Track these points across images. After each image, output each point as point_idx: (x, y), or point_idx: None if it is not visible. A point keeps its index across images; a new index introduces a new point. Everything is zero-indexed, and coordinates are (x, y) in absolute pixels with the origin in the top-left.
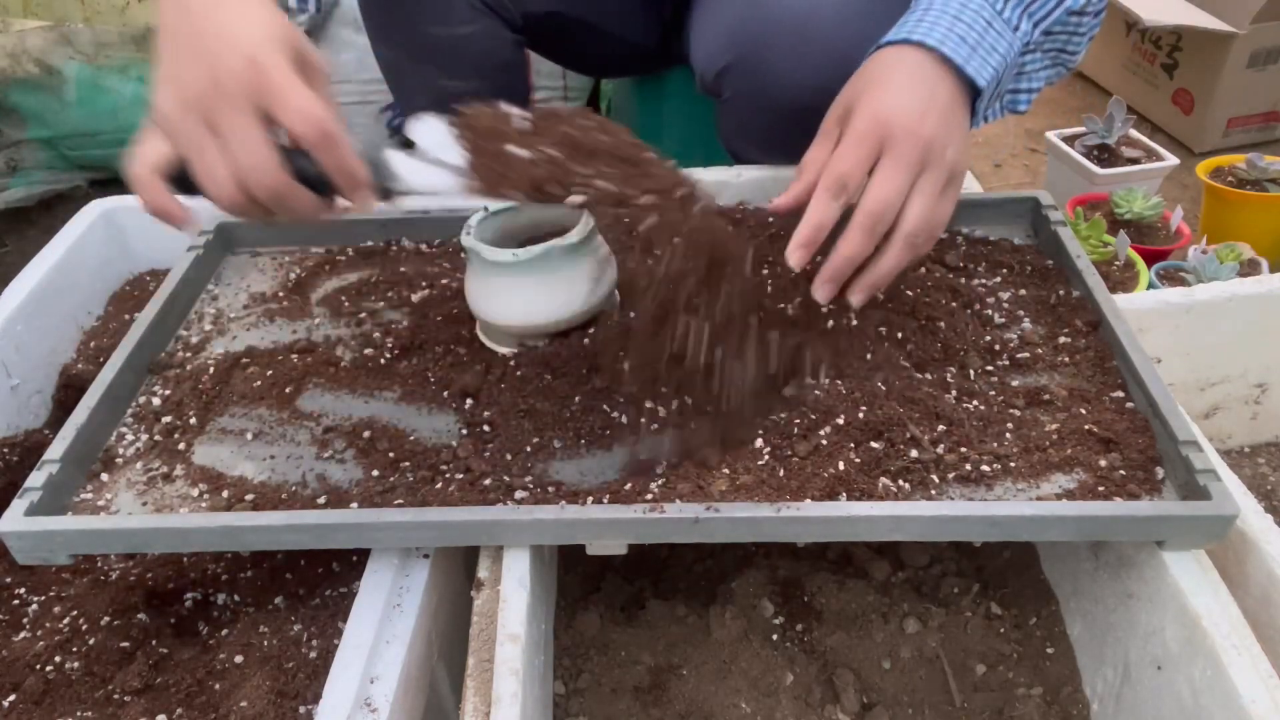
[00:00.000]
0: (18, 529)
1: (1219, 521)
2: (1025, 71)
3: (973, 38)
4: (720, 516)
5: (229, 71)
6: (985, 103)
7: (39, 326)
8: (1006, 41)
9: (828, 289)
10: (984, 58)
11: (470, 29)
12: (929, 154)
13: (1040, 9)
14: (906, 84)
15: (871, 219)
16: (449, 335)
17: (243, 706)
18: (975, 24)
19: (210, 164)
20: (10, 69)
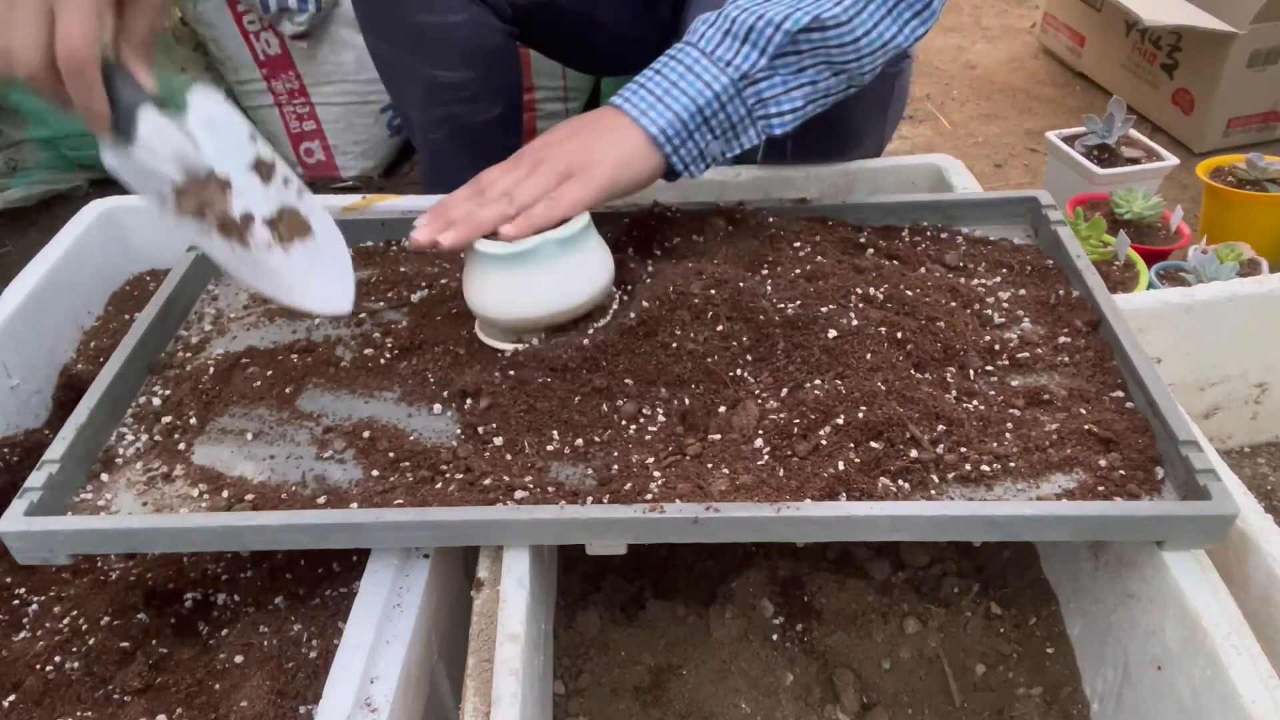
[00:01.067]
0: (18, 529)
1: (1219, 521)
2: (766, 98)
3: (662, 89)
4: (720, 516)
5: None
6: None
7: (39, 326)
8: (705, 81)
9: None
10: (667, 105)
11: (459, 17)
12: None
13: (758, 38)
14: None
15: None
16: (449, 335)
17: (243, 706)
18: (672, 74)
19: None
20: None
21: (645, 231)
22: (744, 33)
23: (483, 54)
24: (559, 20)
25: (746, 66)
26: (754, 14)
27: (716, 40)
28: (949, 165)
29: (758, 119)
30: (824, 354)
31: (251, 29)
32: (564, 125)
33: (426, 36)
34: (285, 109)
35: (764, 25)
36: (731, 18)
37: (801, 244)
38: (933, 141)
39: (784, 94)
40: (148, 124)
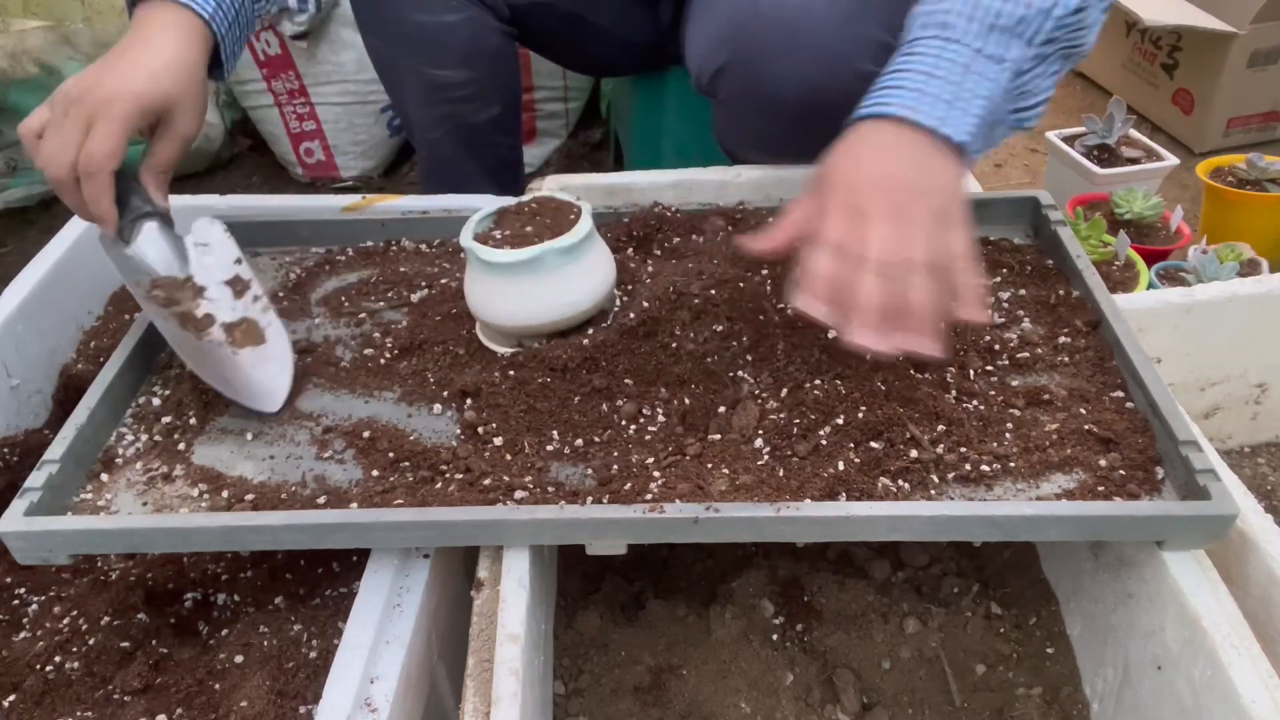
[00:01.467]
0: (18, 529)
1: (1219, 521)
2: (1027, 90)
3: (949, 92)
4: (720, 516)
5: (94, 87)
6: (978, 144)
7: (39, 326)
8: (990, 80)
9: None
10: (963, 109)
11: (456, 17)
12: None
13: (1027, 29)
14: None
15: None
16: (449, 335)
17: (243, 706)
18: (951, 75)
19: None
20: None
21: (645, 231)
22: (1013, 24)
23: (481, 54)
24: (557, 21)
25: (1020, 61)
26: (1017, 3)
27: (982, 35)
28: None
29: (1013, 112)
30: (824, 354)
31: None
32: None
33: (424, 37)
34: (285, 109)
35: (1034, 15)
36: (994, 9)
37: None
38: None
39: (1039, 85)
40: (147, 236)
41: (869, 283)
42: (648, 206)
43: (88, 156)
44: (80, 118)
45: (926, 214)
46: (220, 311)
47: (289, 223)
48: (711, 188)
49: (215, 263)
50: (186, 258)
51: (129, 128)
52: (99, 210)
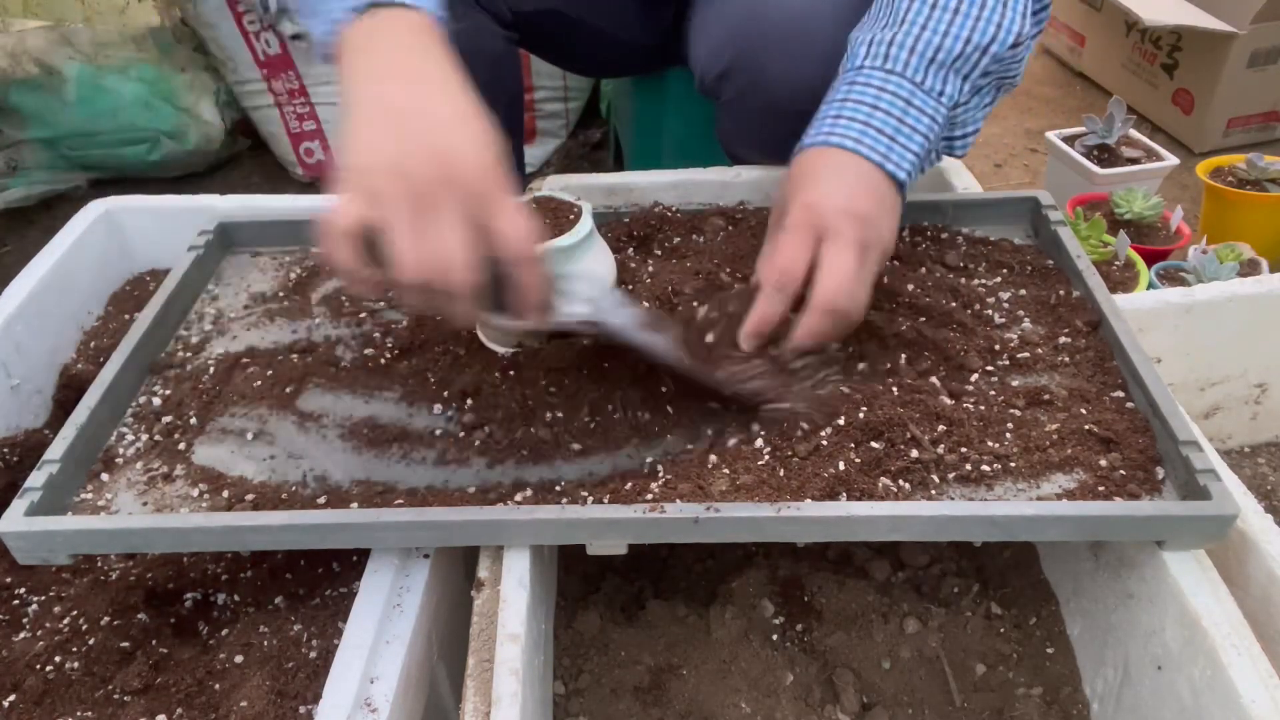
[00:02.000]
0: (18, 529)
1: (1219, 521)
2: (959, 121)
3: (890, 126)
4: (720, 516)
5: (462, 167)
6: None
7: (39, 326)
8: (929, 115)
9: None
10: (904, 144)
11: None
12: (868, 229)
13: (965, 65)
14: (832, 176)
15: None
16: (449, 335)
17: (243, 706)
18: (893, 108)
19: (408, 242)
20: (10, 69)
21: (645, 231)
22: (950, 60)
23: (483, 60)
24: (559, 25)
25: (956, 96)
26: (956, 39)
27: (923, 70)
28: (949, 165)
29: (944, 142)
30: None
31: (251, 29)
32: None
33: None
34: (285, 109)
35: (971, 51)
36: (933, 45)
37: None
38: None
39: (973, 116)
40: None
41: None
42: (648, 206)
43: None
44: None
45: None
46: None
47: (289, 223)
48: (711, 188)
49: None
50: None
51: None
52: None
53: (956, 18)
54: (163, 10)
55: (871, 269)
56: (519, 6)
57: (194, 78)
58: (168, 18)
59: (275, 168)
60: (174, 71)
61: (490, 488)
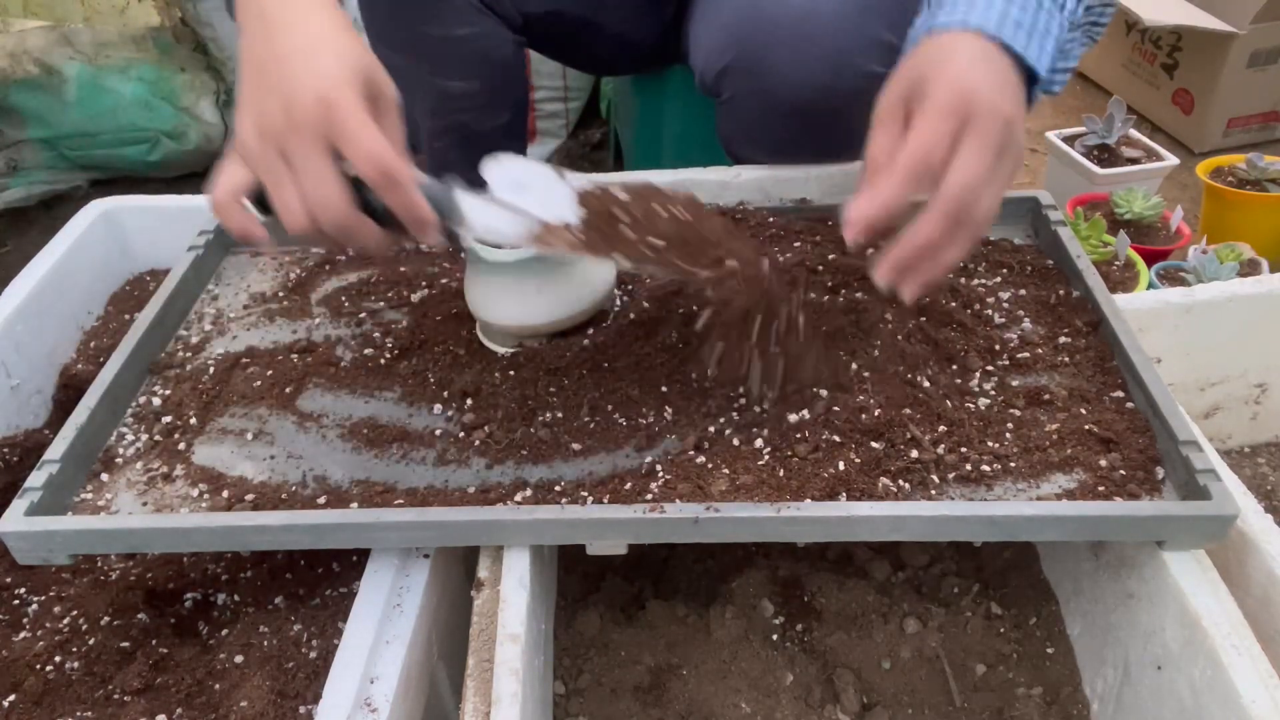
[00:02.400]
0: (18, 529)
1: (1219, 521)
2: (1065, 51)
3: (1028, 22)
4: (720, 516)
5: (302, 107)
6: (1040, 88)
7: (39, 326)
8: (1057, 23)
9: (892, 276)
10: (1040, 43)
11: (469, 30)
12: (1010, 135)
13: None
14: (980, 62)
15: (956, 205)
16: (449, 335)
17: (243, 706)
18: (1028, 6)
19: (285, 194)
20: (10, 69)
21: None
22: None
23: (492, 65)
24: (567, 26)
25: (1075, 15)
26: None
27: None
28: None
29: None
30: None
31: None
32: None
33: (437, 49)
34: None
35: None
36: None
37: (802, 244)
38: None
39: (1073, 51)
40: (466, 202)
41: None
42: None
43: (374, 166)
44: (311, 145)
45: (1013, 159)
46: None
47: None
48: (711, 188)
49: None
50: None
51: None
52: (418, 214)
53: None
54: (163, 10)
55: (1005, 182)
56: (527, 9)
57: (194, 78)
58: (168, 18)
59: None
60: (174, 71)
61: (490, 488)
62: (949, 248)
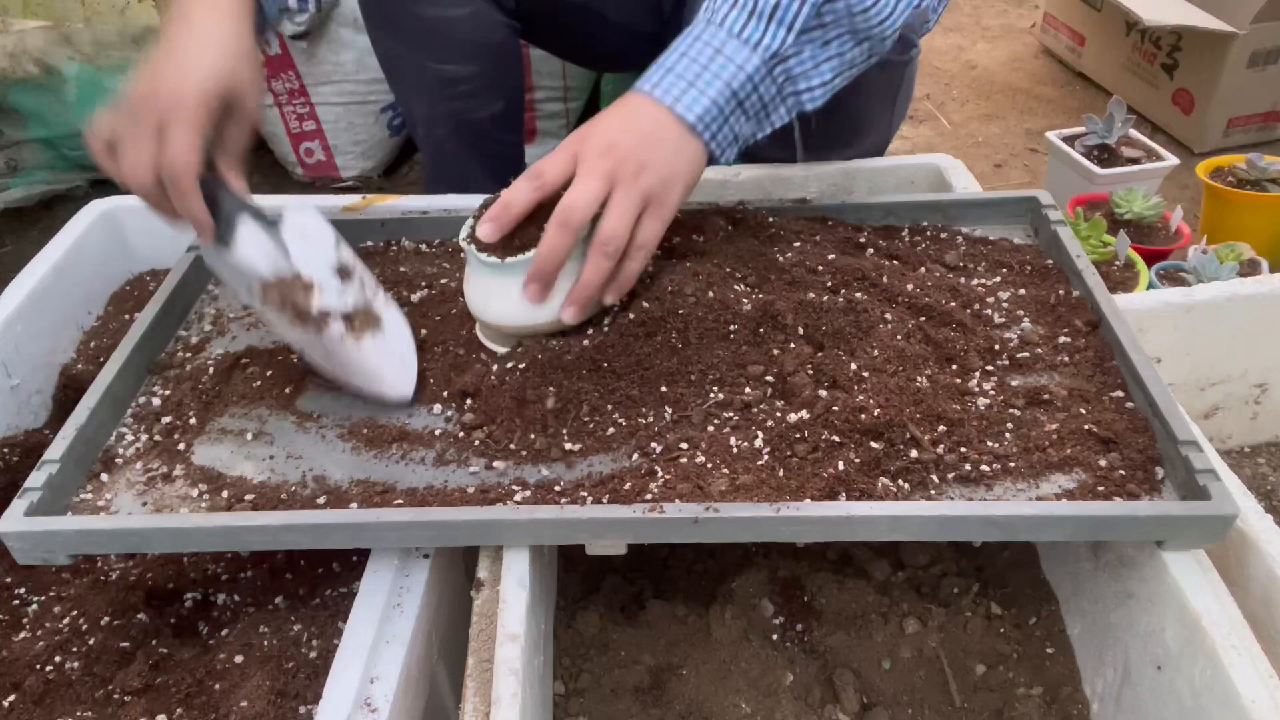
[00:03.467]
0: (18, 529)
1: (1219, 521)
2: (795, 74)
3: (692, 72)
4: (720, 516)
5: (159, 94)
6: (720, 126)
7: (39, 326)
8: (737, 63)
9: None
10: (701, 90)
11: (462, 11)
12: (616, 166)
13: (784, 14)
14: (614, 115)
15: (560, 214)
16: (449, 335)
17: (243, 706)
18: (701, 56)
19: (123, 151)
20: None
21: None
22: (769, 10)
23: (486, 49)
24: (562, 13)
25: (776, 45)
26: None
27: (741, 20)
28: (949, 165)
29: (788, 96)
30: (824, 355)
31: None
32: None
33: (430, 30)
34: (285, 109)
35: (788, 1)
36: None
37: (802, 244)
38: (933, 141)
39: (813, 69)
40: (245, 231)
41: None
42: None
43: (169, 166)
44: (150, 125)
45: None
46: (333, 302)
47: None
48: (711, 187)
49: (317, 252)
50: (287, 251)
51: (201, 127)
52: (193, 217)
53: None
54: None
55: (626, 200)
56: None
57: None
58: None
59: (275, 168)
60: None
61: (490, 488)
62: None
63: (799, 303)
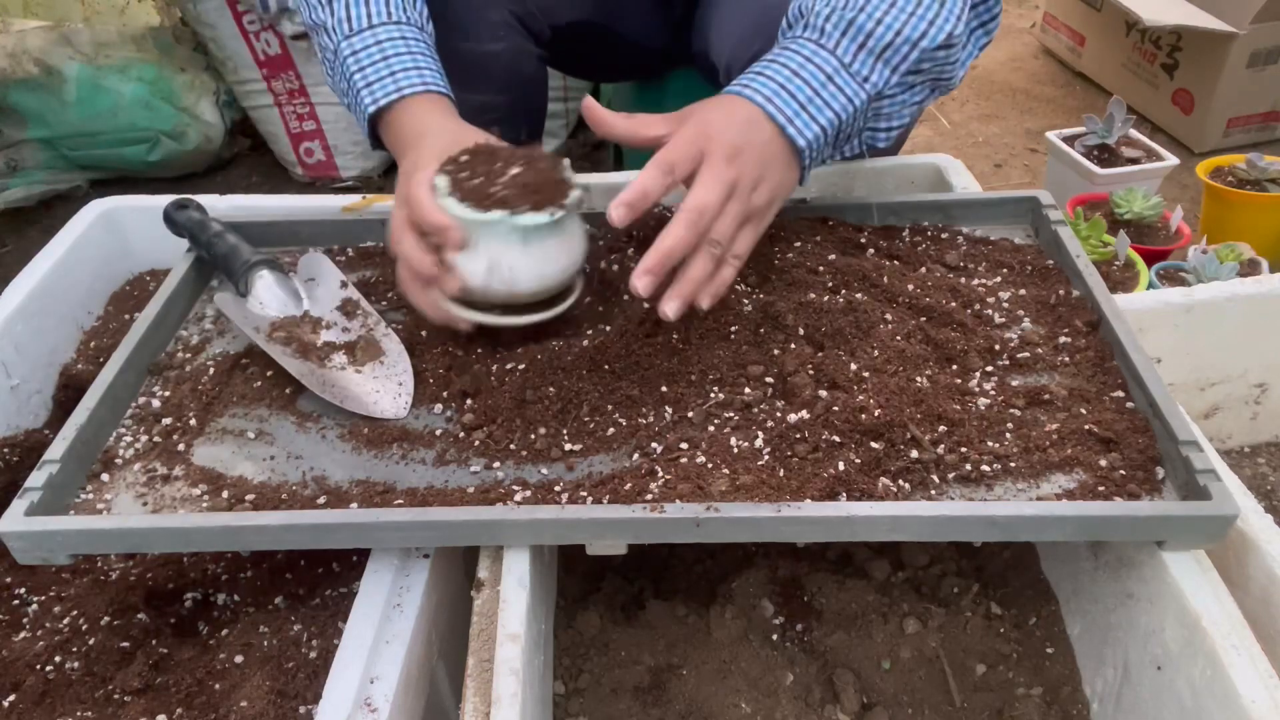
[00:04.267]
0: (18, 529)
1: (1219, 521)
2: (883, 113)
3: (805, 95)
4: (720, 517)
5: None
6: (817, 153)
7: (39, 326)
8: (847, 95)
9: (646, 280)
10: (812, 115)
11: (500, 46)
12: (739, 175)
13: (894, 56)
14: (733, 119)
15: (691, 214)
16: (449, 335)
17: (243, 706)
18: (813, 79)
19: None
20: (10, 69)
21: (645, 232)
22: (880, 49)
23: (518, 80)
24: (588, 36)
25: (880, 85)
26: (888, 28)
27: (853, 52)
28: (949, 165)
29: (865, 131)
30: (824, 355)
31: (251, 29)
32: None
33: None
34: (285, 109)
35: (901, 43)
36: (865, 30)
37: (802, 244)
38: (933, 141)
39: (897, 111)
40: (261, 284)
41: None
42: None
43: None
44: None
45: (742, 198)
46: (337, 336)
47: (289, 223)
48: None
49: (325, 292)
50: (299, 295)
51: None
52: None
53: (892, 9)
54: (163, 10)
55: (739, 209)
56: (555, 20)
57: (194, 78)
58: (168, 18)
59: (275, 168)
60: (174, 71)
61: (490, 488)
62: (695, 262)
63: (799, 303)
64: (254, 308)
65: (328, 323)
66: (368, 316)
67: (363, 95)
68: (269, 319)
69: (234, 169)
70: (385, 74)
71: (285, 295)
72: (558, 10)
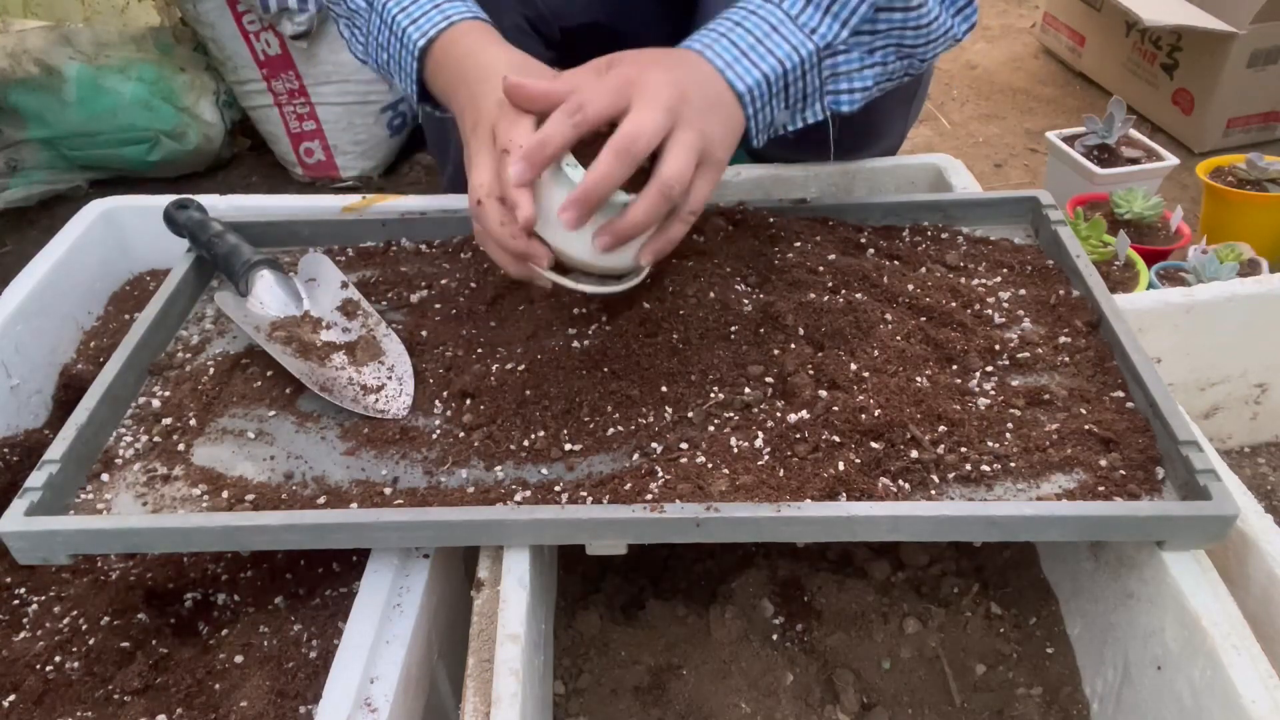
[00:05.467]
0: (18, 529)
1: (1219, 521)
2: (840, 72)
3: (746, 42)
4: (720, 517)
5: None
6: (760, 104)
7: (39, 326)
8: (792, 44)
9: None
10: (754, 61)
11: None
12: (682, 106)
13: (843, 10)
14: (671, 60)
15: (624, 141)
16: (448, 335)
17: (243, 706)
18: (756, 29)
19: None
20: (10, 69)
21: None
22: (828, 2)
23: None
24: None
25: (830, 37)
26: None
27: (799, 5)
28: (949, 165)
29: (827, 93)
30: (824, 355)
31: (251, 29)
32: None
33: None
34: (285, 109)
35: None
36: None
37: (802, 244)
38: (933, 141)
39: (857, 71)
40: (262, 284)
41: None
42: None
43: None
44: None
45: (690, 132)
46: (337, 336)
47: (289, 223)
48: None
49: (325, 292)
50: (300, 295)
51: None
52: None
53: None
54: (163, 10)
55: (690, 146)
56: (566, 23)
57: (194, 78)
58: (168, 18)
59: (275, 168)
60: (174, 71)
61: (490, 488)
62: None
63: (799, 303)
64: (254, 307)
65: (328, 323)
66: (368, 317)
67: (410, 32)
68: (269, 319)
69: (234, 169)
70: (430, 7)
71: (285, 295)
72: (568, 13)
